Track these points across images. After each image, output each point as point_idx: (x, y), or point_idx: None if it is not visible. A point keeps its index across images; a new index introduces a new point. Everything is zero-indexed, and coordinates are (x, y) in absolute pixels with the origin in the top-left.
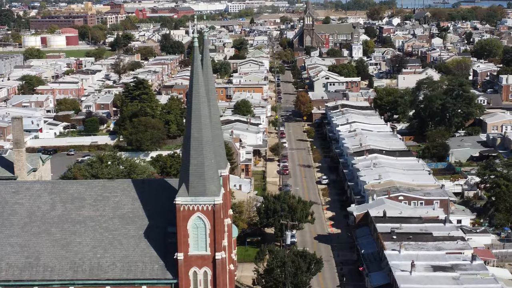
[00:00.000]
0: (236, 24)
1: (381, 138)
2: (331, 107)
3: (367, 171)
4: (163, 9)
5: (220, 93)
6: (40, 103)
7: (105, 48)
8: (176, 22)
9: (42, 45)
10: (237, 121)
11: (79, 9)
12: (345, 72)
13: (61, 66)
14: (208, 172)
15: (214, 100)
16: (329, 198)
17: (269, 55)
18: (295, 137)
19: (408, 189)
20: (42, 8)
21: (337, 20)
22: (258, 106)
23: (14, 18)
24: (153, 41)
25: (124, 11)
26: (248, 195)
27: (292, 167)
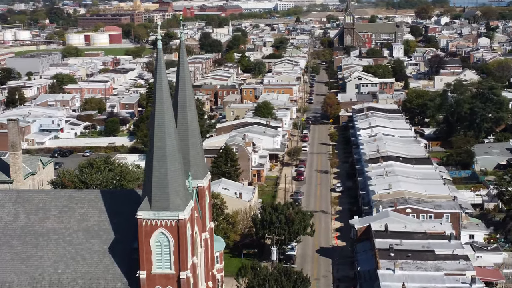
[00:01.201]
0: (281, 23)
1: (401, 144)
2: (357, 109)
3: (379, 180)
4: (211, 7)
5: (249, 94)
6: (65, 103)
7: (145, 47)
8: (221, 21)
9: (85, 43)
10: (255, 124)
11: (128, 7)
12: (380, 72)
13: (96, 64)
14: (172, 185)
15: (192, 106)
16: (340, 207)
17: (306, 55)
18: (318, 140)
19: (417, 200)
20: (93, 6)
21: (384, 19)
22: (282, 108)
23: (63, 16)
24: (193, 40)
25: (172, 9)
26: (248, 204)
27: (308, 173)
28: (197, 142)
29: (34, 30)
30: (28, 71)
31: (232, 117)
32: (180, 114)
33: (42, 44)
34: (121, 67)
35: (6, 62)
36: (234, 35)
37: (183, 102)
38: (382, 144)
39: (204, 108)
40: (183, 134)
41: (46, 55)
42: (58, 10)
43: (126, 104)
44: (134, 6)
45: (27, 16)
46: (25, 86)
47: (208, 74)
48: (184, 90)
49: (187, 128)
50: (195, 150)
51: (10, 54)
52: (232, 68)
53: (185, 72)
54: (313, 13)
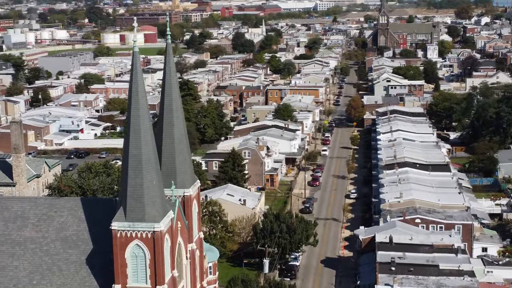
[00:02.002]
0: (318, 23)
1: (421, 150)
2: (380, 112)
3: (391, 188)
4: (250, 7)
5: (275, 95)
6: (88, 103)
7: (179, 46)
8: (258, 21)
9: (120, 42)
10: (273, 127)
11: (167, 6)
12: (410, 74)
13: (126, 64)
14: (148, 195)
15: (178, 111)
16: (352, 215)
17: (339, 55)
18: (340, 144)
19: (428, 210)
20: (133, 6)
21: (423, 19)
22: (305, 110)
23: (102, 16)
24: (227, 40)
25: (211, 8)
26: (252, 211)
27: (325, 178)
28: (184, 149)
29: (73, 29)
30: (59, 70)
31: (254, 119)
32: (166, 119)
33: (78, 43)
34: (150, 67)
35: (38, 61)
36: (266, 35)
37: (169, 107)
38: (400, 150)
39: (227, 110)
40: (169, 140)
41: (78, 54)
42: (97, 10)
43: (149, 105)
44: (173, 5)
45: (67, 16)
46: (52, 86)
47: (235, 74)
48: (171, 95)
49: (173, 134)
50: (181, 157)
51: (43, 53)
52: (261, 69)
53: (171, 76)
54: (353, 13)
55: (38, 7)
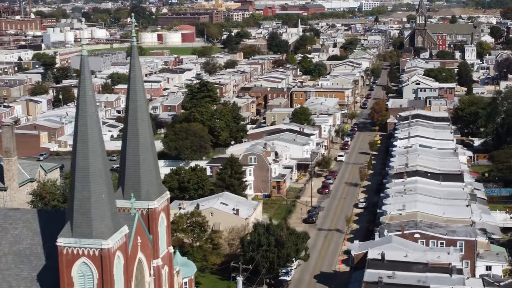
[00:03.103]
0: (359, 23)
1: (437, 157)
2: (402, 117)
3: (395, 198)
4: (293, 6)
5: (300, 97)
6: (109, 103)
7: (214, 46)
8: (296, 20)
9: (158, 41)
10: (287, 131)
11: (210, 5)
12: (442, 77)
13: (157, 64)
14: (96, 209)
15: (144, 117)
16: (358, 226)
17: (373, 56)
18: (359, 149)
19: (429, 225)
20: (177, 5)
21: (467, 19)
22: (325, 113)
23: (145, 15)
24: (263, 40)
25: (253, 8)
26: (246, 221)
27: (337, 185)
28: (150, 158)
29: (114, 28)
30: (90, 70)
31: (272, 122)
32: (131, 126)
33: (116, 42)
34: (179, 67)
35: (70, 61)
36: (301, 35)
37: (134, 113)
38: (414, 157)
39: (249, 112)
40: (133, 149)
41: (110, 54)
42: (140, 9)
43: (169, 106)
44: (216, 4)
45: (110, 15)
46: (76, 86)
47: (263, 75)
48: (135, 100)
49: (138, 143)
50: (146, 167)
51: (77, 52)
52: (291, 70)
53: (136, 80)
54: (398, 13)
55: (85, 6)
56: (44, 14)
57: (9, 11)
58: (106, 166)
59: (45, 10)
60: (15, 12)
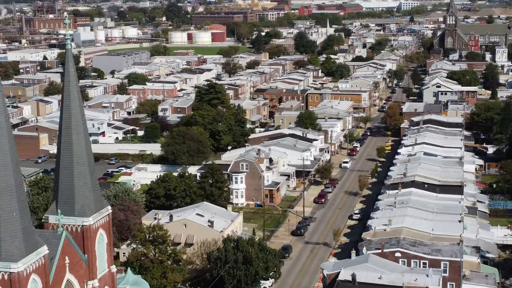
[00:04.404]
0: (394, 23)
1: (439, 166)
2: (414, 122)
3: (384, 212)
4: (330, 6)
5: (315, 100)
6: (120, 104)
7: (241, 46)
8: (331, 20)
9: (188, 41)
10: (289, 136)
11: (246, 5)
12: (465, 79)
13: (179, 64)
14: (5, 229)
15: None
16: (348, 239)
17: (399, 57)
18: (368, 155)
19: (413, 243)
20: (216, 4)
21: (505, 20)
22: (335, 117)
23: (180, 14)
24: (291, 40)
25: (289, 7)
26: (221, 234)
27: (336, 194)
28: (86, 171)
29: (148, 27)
30: (112, 69)
31: (283, 126)
32: (65, 137)
33: (146, 41)
34: (199, 67)
35: (92, 60)
36: (329, 35)
37: (68, 123)
38: (414, 166)
39: (261, 114)
40: (67, 161)
41: (133, 53)
42: (175, 8)
43: (178, 108)
44: (252, 3)
45: (146, 14)
46: (92, 86)
47: (281, 77)
48: (70, 109)
49: (72, 154)
50: (82, 180)
51: (103, 51)
52: (312, 71)
53: (71, 86)
54: (437, 13)
55: (123, 5)
56: (80, 13)
57: (43, 10)
58: (19, 181)
59: (83, 9)
60: (49, 11)
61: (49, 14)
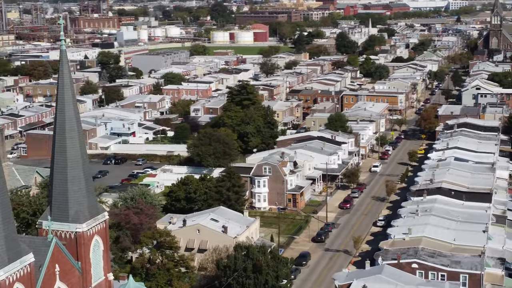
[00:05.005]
0: (440, 23)
1: (470, 172)
2: (448, 125)
3: (406, 220)
4: (376, 5)
5: (351, 101)
6: (152, 105)
7: (283, 46)
8: (376, 20)
9: (230, 41)
10: (317, 138)
11: (291, 4)
12: (507, 81)
13: (217, 64)
14: None
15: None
16: (370, 247)
17: (441, 58)
18: (400, 159)
19: (432, 253)
20: (263, 3)
21: None
22: (367, 119)
23: (224, 14)
24: (333, 40)
25: (335, 7)
26: (234, 240)
27: (362, 199)
28: (80, 176)
29: (191, 27)
30: (151, 69)
31: (314, 128)
32: (58, 141)
33: (188, 41)
34: (236, 67)
35: (132, 60)
36: (370, 35)
37: (62, 126)
38: (442, 172)
39: (294, 116)
40: (60, 166)
41: (172, 53)
42: (220, 8)
43: (211, 109)
44: (297, 3)
45: (191, 13)
46: (127, 85)
47: (318, 77)
48: (63, 112)
49: (66, 159)
50: (76, 185)
51: (143, 51)
52: (350, 72)
53: (65, 89)
54: (486, 12)
55: (170, 5)
56: (126, 12)
57: (88, 9)
58: (1, 186)
59: (129, 8)
60: (94, 10)
61: (94, 14)
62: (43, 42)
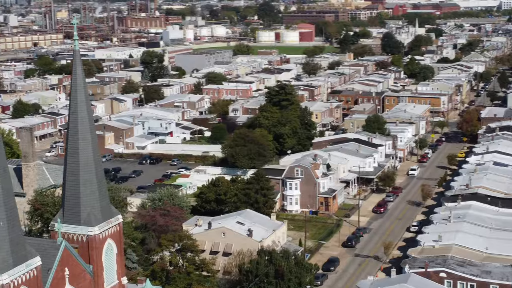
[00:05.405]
0: (491, 23)
1: (509, 178)
2: (490, 128)
3: (437, 227)
4: (426, 5)
5: (392, 102)
6: (191, 104)
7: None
8: (425, 19)
9: (275, 40)
10: (353, 140)
11: (339, 4)
12: None
13: (260, 63)
14: None
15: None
16: (401, 253)
17: (489, 59)
18: (439, 162)
19: (462, 262)
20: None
21: None
22: (407, 121)
23: (271, 13)
24: (379, 40)
25: (383, 7)
26: (259, 244)
27: (397, 203)
28: (93, 179)
29: (238, 26)
30: (194, 68)
31: (353, 130)
32: (71, 142)
33: (234, 40)
34: (278, 67)
35: (175, 59)
36: (416, 35)
37: (74, 128)
38: (480, 177)
39: (333, 117)
40: (73, 168)
41: (215, 52)
42: (267, 7)
43: (249, 109)
44: (345, 3)
45: (238, 13)
46: (168, 85)
47: (360, 78)
48: (76, 113)
49: (78, 161)
50: (88, 188)
51: (187, 50)
52: (393, 73)
53: (78, 90)
54: None
55: (218, 4)
56: (173, 12)
57: (136, 9)
58: (7, 189)
59: (177, 7)
60: (141, 10)
61: (142, 13)
62: (91, 41)
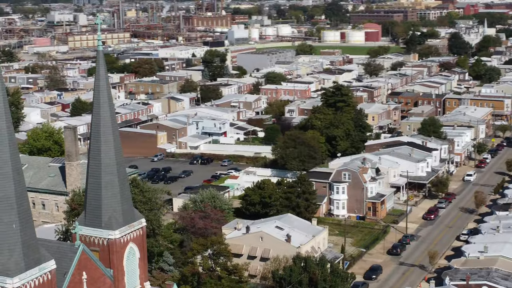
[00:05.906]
0: None
1: None
2: None
3: (485, 237)
4: (499, 4)
5: (453, 105)
6: (248, 104)
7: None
8: (497, 19)
9: (341, 40)
10: (407, 144)
11: (408, 3)
12: None
13: (322, 63)
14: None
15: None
16: (448, 262)
17: None
18: (498, 168)
19: (506, 275)
20: (381, 2)
21: None
22: (465, 125)
23: (339, 13)
24: (446, 40)
25: (454, 6)
26: (297, 250)
27: (450, 210)
28: (115, 181)
29: (304, 26)
30: (256, 68)
31: (409, 132)
32: (93, 145)
33: (299, 40)
34: (339, 68)
35: (237, 58)
36: (484, 36)
37: (97, 129)
38: None
39: (390, 119)
40: (95, 170)
41: (277, 52)
42: (335, 7)
43: (305, 110)
44: (414, 2)
45: (306, 12)
46: (226, 84)
47: (422, 79)
48: (99, 115)
49: (100, 163)
50: (110, 191)
51: (250, 49)
52: (457, 74)
53: (101, 91)
54: None
55: (285, 4)
56: (240, 11)
57: (203, 8)
58: (21, 191)
59: (244, 7)
60: (208, 9)
61: (208, 12)
62: (157, 40)
